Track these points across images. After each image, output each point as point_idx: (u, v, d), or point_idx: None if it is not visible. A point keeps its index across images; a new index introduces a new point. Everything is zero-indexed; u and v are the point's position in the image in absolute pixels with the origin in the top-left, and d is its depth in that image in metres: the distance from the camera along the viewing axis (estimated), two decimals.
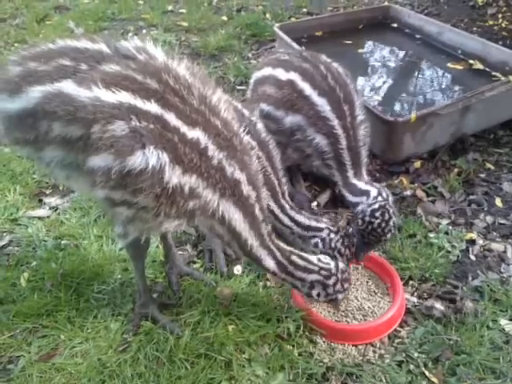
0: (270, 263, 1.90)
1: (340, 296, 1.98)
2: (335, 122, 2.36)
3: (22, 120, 1.70)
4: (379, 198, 2.21)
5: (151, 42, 1.74)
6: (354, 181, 2.38)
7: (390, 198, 2.25)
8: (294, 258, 1.93)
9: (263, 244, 1.86)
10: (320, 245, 2.17)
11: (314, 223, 2.21)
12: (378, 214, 2.16)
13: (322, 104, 2.38)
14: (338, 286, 1.95)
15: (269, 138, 2.18)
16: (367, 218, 2.17)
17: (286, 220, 2.23)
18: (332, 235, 2.17)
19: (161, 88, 1.57)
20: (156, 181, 1.52)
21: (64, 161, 1.69)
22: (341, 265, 1.97)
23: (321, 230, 2.19)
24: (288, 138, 2.50)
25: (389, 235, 2.19)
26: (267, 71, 2.61)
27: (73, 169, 1.70)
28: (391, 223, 2.17)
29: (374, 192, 2.25)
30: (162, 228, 1.69)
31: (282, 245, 1.95)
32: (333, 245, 2.16)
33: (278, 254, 1.90)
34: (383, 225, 2.16)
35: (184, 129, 1.56)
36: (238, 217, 1.73)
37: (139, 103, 1.53)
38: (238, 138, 1.73)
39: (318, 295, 1.95)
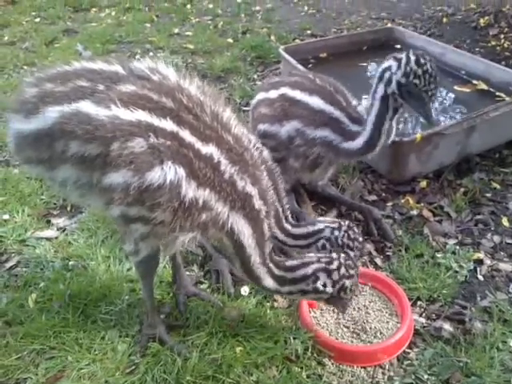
0: (269, 282, 1.90)
1: (347, 283, 1.87)
2: (332, 109, 2.42)
3: (38, 140, 1.73)
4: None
5: (162, 63, 1.78)
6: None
7: None
8: (288, 263, 1.94)
9: (264, 263, 1.87)
10: (327, 245, 2.13)
11: (311, 228, 2.18)
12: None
13: (314, 100, 2.45)
14: (343, 270, 1.86)
15: (274, 166, 2.17)
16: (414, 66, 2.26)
17: (289, 241, 2.22)
18: (336, 232, 2.12)
19: (175, 106, 1.62)
20: (174, 195, 1.56)
21: (79, 180, 1.72)
22: (343, 254, 1.93)
23: (321, 230, 2.15)
24: (287, 149, 2.54)
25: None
26: (261, 95, 2.68)
27: (87, 187, 1.72)
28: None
29: None
30: (176, 242, 1.72)
31: (277, 258, 1.94)
32: (340, 242, 2.11)
33: (275, 270, 1.90)
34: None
35: (198, 145, 1.61)
36: (247, 231, 1.75)
37: (156, 121, 1.58)
38: (249, 153, 1.76)
39: (325, 285, 1.86)
